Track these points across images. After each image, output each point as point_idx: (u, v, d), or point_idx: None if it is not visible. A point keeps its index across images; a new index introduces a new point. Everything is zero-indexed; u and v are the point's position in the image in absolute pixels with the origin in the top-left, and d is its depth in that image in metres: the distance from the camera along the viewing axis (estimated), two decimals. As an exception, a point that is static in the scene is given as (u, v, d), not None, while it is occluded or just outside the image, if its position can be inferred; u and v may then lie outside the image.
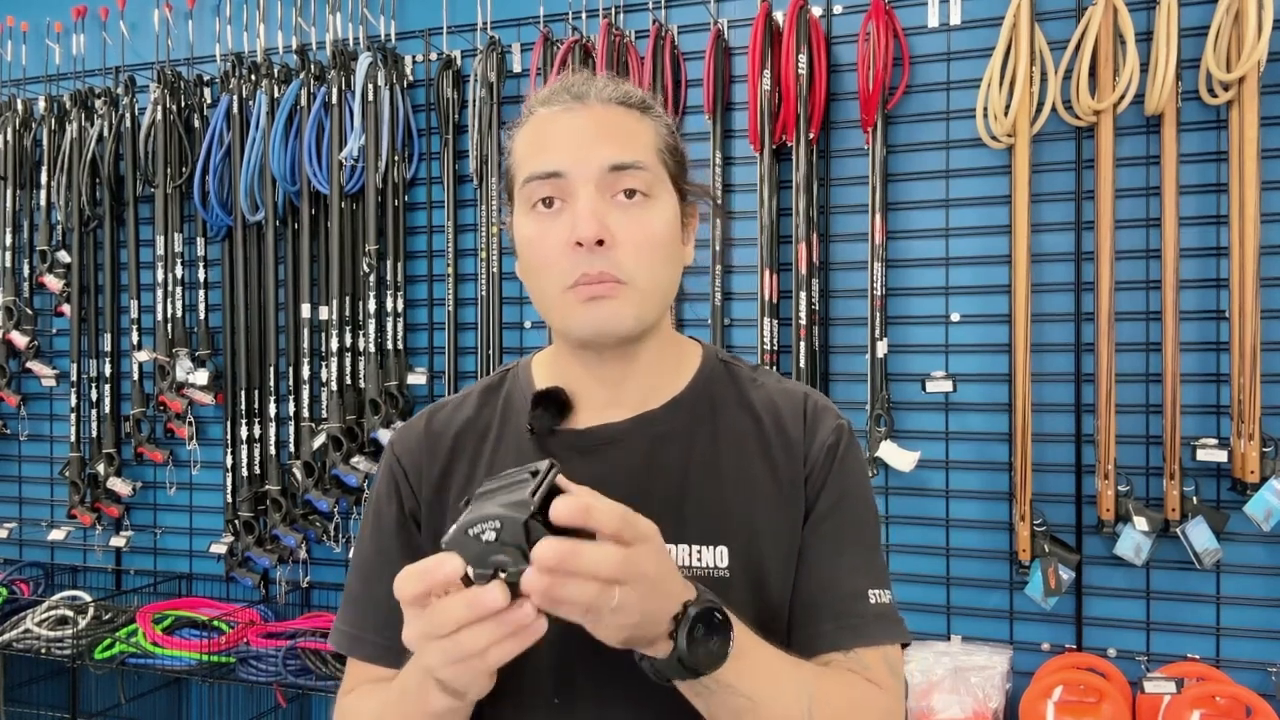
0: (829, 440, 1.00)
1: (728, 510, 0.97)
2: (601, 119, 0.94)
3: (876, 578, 0.99)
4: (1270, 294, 2.17)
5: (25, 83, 3.26)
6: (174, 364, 2.96)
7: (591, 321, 0.92)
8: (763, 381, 1.06)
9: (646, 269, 0.92)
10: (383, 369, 2.77)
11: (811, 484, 0.99)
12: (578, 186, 0.91)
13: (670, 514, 0.93)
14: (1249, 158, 2.09)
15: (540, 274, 0.94)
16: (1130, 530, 2.18)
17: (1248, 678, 2.17)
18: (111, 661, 2.77)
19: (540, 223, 0.93)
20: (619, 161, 0.91)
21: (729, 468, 0.99)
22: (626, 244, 0.91)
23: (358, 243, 2.80)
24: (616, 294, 0.91)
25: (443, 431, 1.05)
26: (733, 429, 1.01)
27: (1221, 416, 2.21)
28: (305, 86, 2.81)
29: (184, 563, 3.15)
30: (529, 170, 0.93)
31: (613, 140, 0.92)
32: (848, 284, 2.46)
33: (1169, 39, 2.12)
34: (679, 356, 1.04)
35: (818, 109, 2.39)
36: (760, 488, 0.99)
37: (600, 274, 0.90)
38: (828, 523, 0.98)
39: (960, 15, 2.38)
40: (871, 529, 1.02)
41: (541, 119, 0.96)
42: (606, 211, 0.91)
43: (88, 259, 3.14)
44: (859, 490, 1.02)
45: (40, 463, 3.31)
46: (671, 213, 0.96)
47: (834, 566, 0.97)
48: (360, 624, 1.03)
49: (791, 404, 1.03)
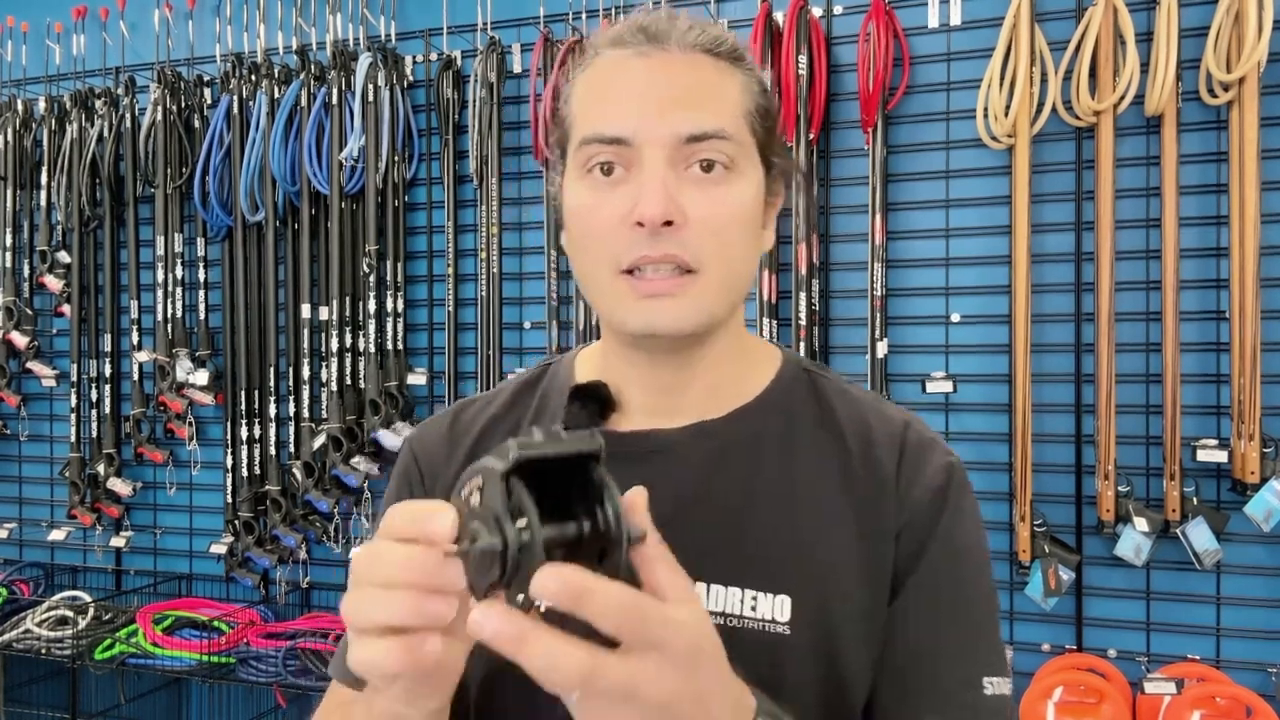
0: (935, 482, 0.82)
1: (797, 551, 0.79)
2: (681, 72, 0.77)
3: (993, 662, 0.80)
4: (1270, 294, 2.16)
5: (25, 83, 3.26)
6: (174, 364, 2.96)
7: (647, 319, 0.76)
8: (855, 398, 0.87)
9: (720, 255, 0.76)
10: (383, 369, 2.77)
11: (909, 537, 0.80)
12: (645, 155, 0.75)
13: (724, 547, 0.78)
14: (1249, 158, 2.09)
15: (589, 252, 0.78)
16: (1130, 531, 2.18)
17: (1248, 678, 2.17)
18: (111, 662, 2.77)
19: (596, 192, 0.77)
20: (698, 130, 0.75)
21: (803, 499, 0.81)
22: (699, 225, 0.75)
23: (358, 243, 2.80)
24: (681, 289, 0.75)
25: (467, 430, 0.90)
26: (811, 452, 0.83)
27: (1222, 417, 2.21)
28: (305, 87, 2.81)
29: (184, 563, 3.15)
30: (587, 129, 0.77)
31: (693, 101, 0.76)
32: (848, 284, 2.46)
33: (1169, 39, 2.12)
34: (751, 361, 0.87)
35: (818, 109, 2.39)
36: (840, 529, 0.80)
37: (665, 256, 0.74)
38: (933, 588, 0.79)
39: (960, 16, 2.38)
40: (989, 598, 0.83)
41: (608, 65, 0.79)
42: (678, 187, 0.75)
43: (88, 259, 3.14)
44: (974, 547, 0.83)
45: (40, 463, 3.31)
46: (755, 189, 0.79)
47: (939, 643, 0.79)
48: None
49: (888, 431, 0.84)
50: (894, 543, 0.80)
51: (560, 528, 0.51)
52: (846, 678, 0.78)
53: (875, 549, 0.80)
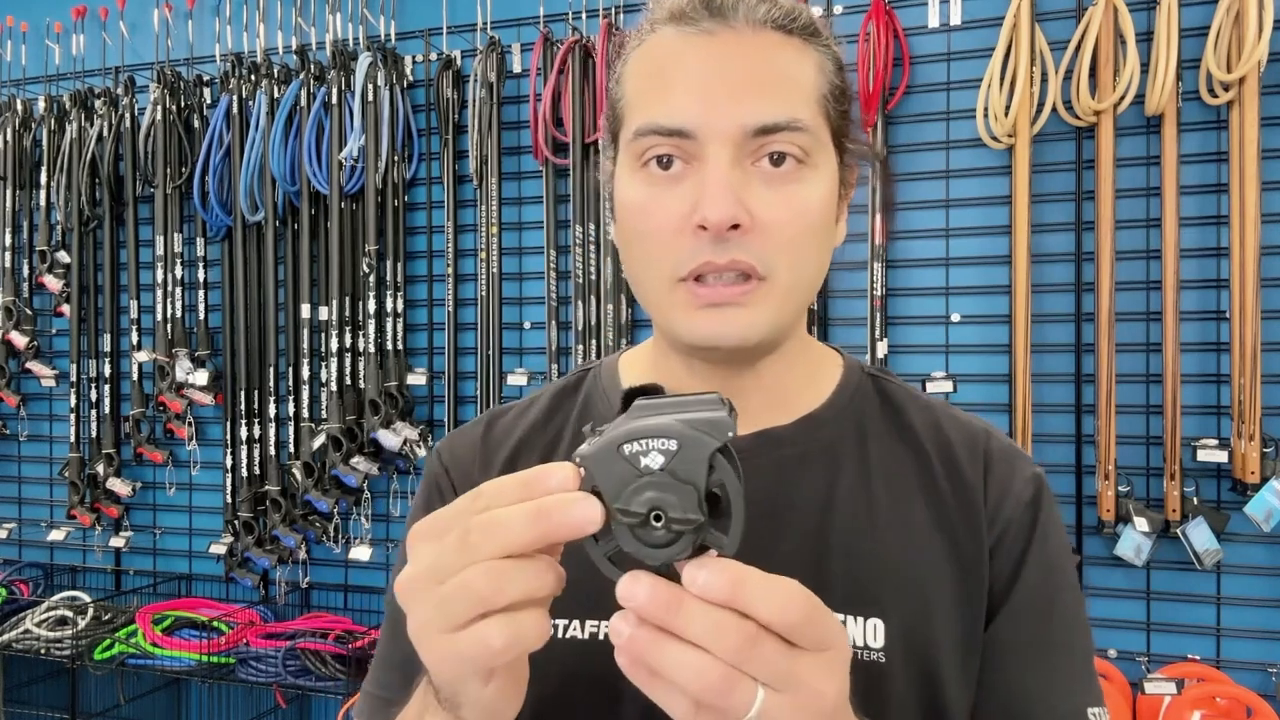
0: (1025, 495, 0.76)
1: (885, 570, 0.72)
2: (750, 55, 0.68)
3: (1095, 692, 0.76)
4: (1270, 294, 2.16)
5: (25, 83, 3.26)
6: (174, 364, 2.96)
7: (710, 330, 0.69)
8: (927, 403, 0.81)
9: (792, 260, 0.69)
10: (382, 369, 2.77)
11: (1003, 555, 0.74)
12: (709, 149, 0.67)
13: (806, 565, 0.71)
14: (1249, 158, 2.09)
15: (644, 255, 0.71)
16: (1130, 531, 2.18)
17: (1248, 678, 2.17)
18: (111, 662, 2.77)
19: (653, 188, 0.69)
20: (769, 122, 0.67)
21: (885, 513, 0.74)
22: (769, 228, 0.67)
23: (357, 243, 2.80)
24: (747, 299, 0.68)
25: (503, 440, 0.83)
26: (888, 463, 0.77)
27: (1222, 417, 2.21)
28: (305, 87, 2.81)
29: (183, 563, 3.15)
30: (644, 118, 0.69)
31: (763, 89, 0.67)
32: (847, 284, 2.46)
33: (1169, 39, 2.12)
34: (815, 365, 0.81)
35: (818, 109, 2.38)
36: (929, 546, 0.74)
37: (731, 263, 0.67)
38: (1032, 612, 0.74)
39: (960, 15, 2.38)
40: (1084, 623, 0.78)
41: (667, 43, 0.70)
42: (745, 184, 0.67)
43: (87, 259, 3.14)
44: (1067, 565, 0.78)
45: (40, 463, 3.30)
46: (830, 183, 0.71)
47: (1044, 675, 0.74)
48: (386, 682, 0.79)
49: (968, 439, 0.78)
50: (988, 561, 0.74)
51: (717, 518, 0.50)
52: (947, 707, 0.72)
53: (968, 567, 0.74)
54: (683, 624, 0.47)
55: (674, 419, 0.49)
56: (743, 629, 0.47)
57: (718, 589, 0.47)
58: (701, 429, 0.49)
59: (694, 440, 0.48)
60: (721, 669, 0.47)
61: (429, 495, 0.84)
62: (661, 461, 0.48)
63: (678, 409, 0.51)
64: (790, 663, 0.48)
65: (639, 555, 0.49)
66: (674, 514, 0.48)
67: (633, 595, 0.48)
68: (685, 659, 0.47)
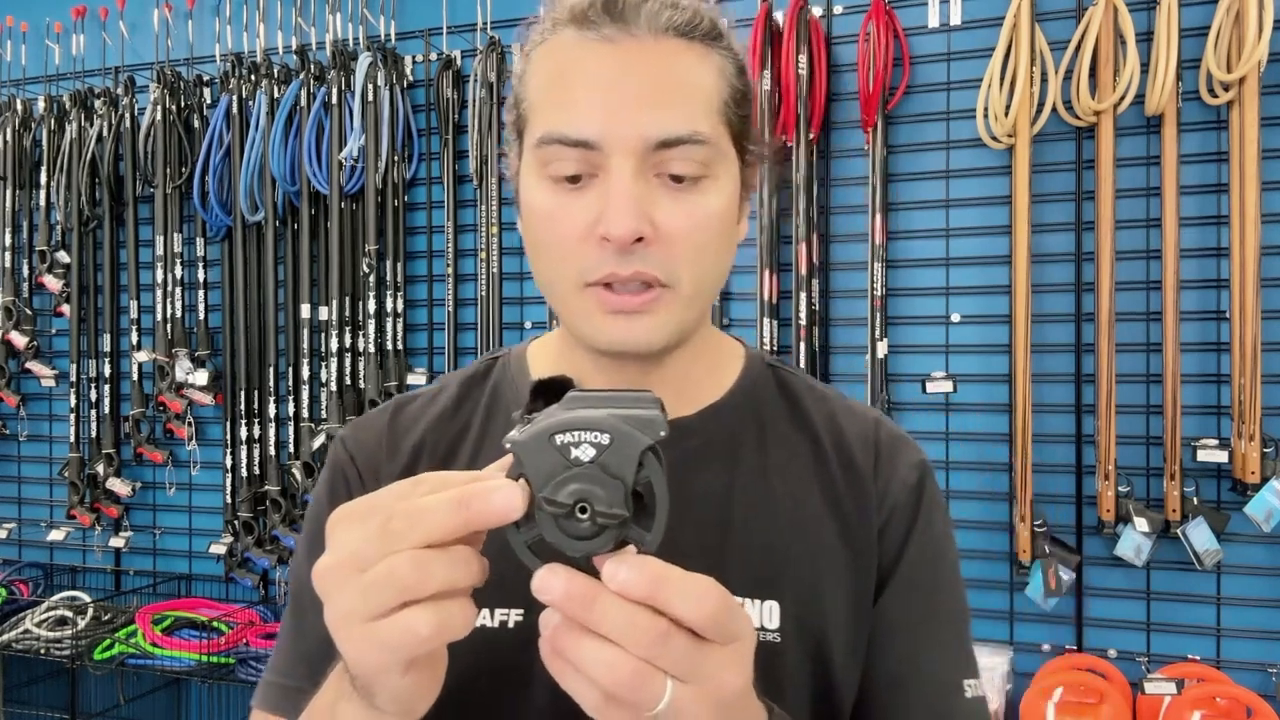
0: (910, 479, 0.80)
1: (782, 555, 0.76)
2: (651, 65, 0.69)
3: (971, 664, 0.81)
4: (1270, 294, 2.16)
5: (25, 83, 3.26)
6: (173, 364, 2.96)
7: (616, 336, 0.71)
8: (823, 394, 0.84)
9: (695, 268, 0.71)
10: (382, 369, 2.77)
11: (890, 535, 0.79)
12: (613, 161, 0.68)
13: (707, 551, 0.73)
14: (1249, 158, 2.09)
15: (551, 261, 0.72)
16: (1130, 531, 2.18)
17: (1248, 678, 2.17)
18: (111, 662, 2.77)
19: (558, 196, 0.70)
20: (670, 135, 0.68)
21: (782, 499, 0.78)
22: (673, 239, 0.69)
23: (357, 243, 2.80)
24: (652, 306, 0.70)
25: (410, 427, 0.83)
26: (785, 451, 0.80)
27: (1222, 417, 2.21)
28: (305, 87, 2.81)
29: (183, 563, 3.15)
30: (547, 126, 0.70)
31: (665, 100, 0.68)
32: (848, 284, 2.46)
33: (1169, 39, 2.12)
34: (717, 357, 0.83)
35: (818, 109, 2.39)
36: (821, 530, 0.78)
37: (635, 274, 0.69)
38: (915, 590, 0.79)
39: (960, 15, 2.38)
40: (963, 600, 0.84)
41: (569, 47, 0.71)
42: (649, 196, 0.69)
43: (87, 259, 3.14)
44: (949, 546, 0.82)
45: (39, 463, 3.30)
46: (731, 190, 0.73)
47: (926, 648, 0.79)
48: (289, 670, 0.79)
49: (860, 428, 0.82)
50: (876, 542, 0.79)
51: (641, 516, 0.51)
52: (837, 685, 0.76)
53: (858, 549, 0.78)
54: (597, 619, 0.48)
55: (608, 413, 0.49)
56: (655, 625, 0.48)
57: (637, 587, 0.48)
58: (635, 425, 0.49)
59: (626, 436, 0.49)
60: (633, 663, 0.48)
61: (333, 484, 0.83)
62: (592, 454, 0.49)
63: (612, 403, 0.51)
64: (699, 656, 0.49)
65: (560, 546, 0.49)
66: (600, 507, 0.48)
67: (549, 588, 0.48)
68: (598, 653, 0.48)
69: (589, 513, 0.48)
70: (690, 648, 0.49)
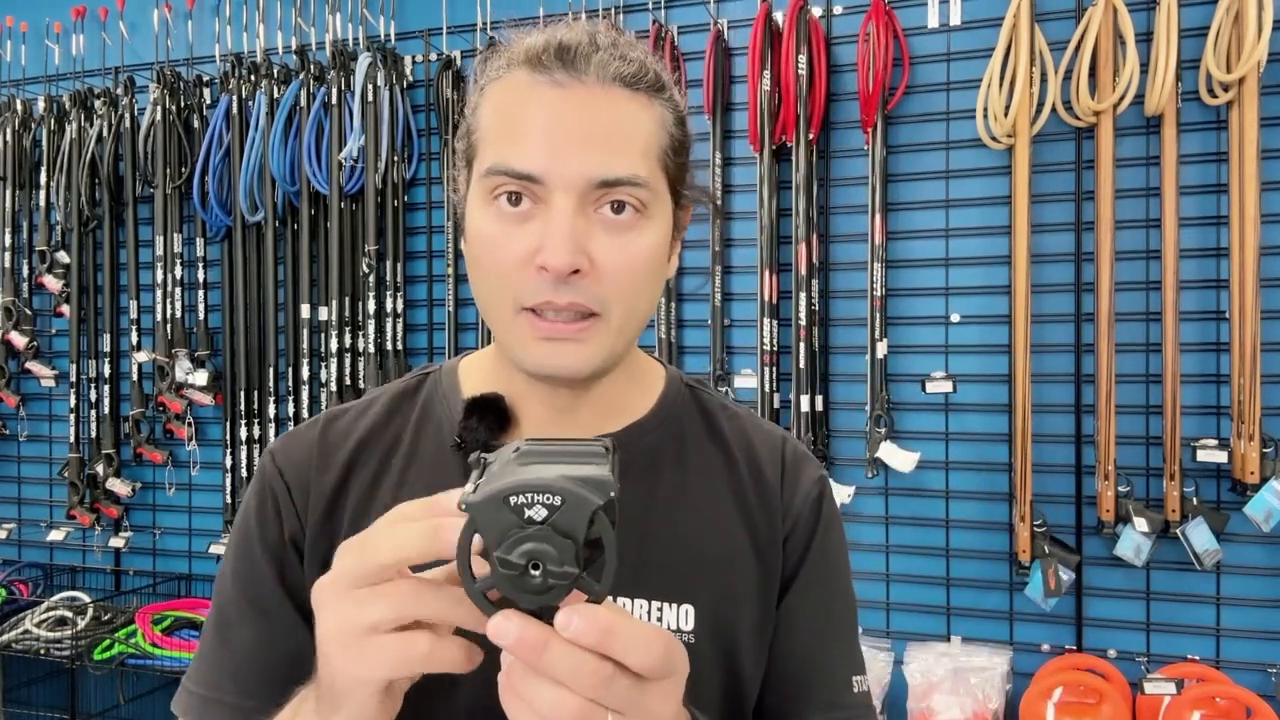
0: (812, 494, 0.88)
1: (696, 562, 0.82)
2: (597, 111, 0.74)
3: (859, 661, 0.89)
4: (1270, 294, 2.16)
5: (25, 83, 3.26)
6: (173, 364, 2.96)
7: (546, 362, 0.75)
8: (735, 412, 0.91)
9: (626, 301, 0.76)
10: (382, 369, 2.77)
11: (793, 544, 0.86)
12: (555, 195, 0.73)
13: (628, 561, 0.76)
14: (1249, 158, 2.09)
15: (490, 285, 0.77)
16: (1130, 531, 2.18)
17: (1248, 679, 2.17)
18: (111, 662, 2.76)
19: (501, 224, 0.75)
20: (611, 176, 0.73)
21: (698, 510, 0.84)
22: (608, 273, 0.74)
23: (357, 243, 2.80)
24: (584, 335, 0.75)
25: (339, 442, 0.86)
26: (701, 465, 0.86)
27: (1221, 417, 2.21)
28: (305, 87, 2.81)
29: (183, 563, 3.15)
30: (496, 158, 0.75)
31: (607, 144, 0.74)
32: (847, 284, 2.46)
33: (1169, 39, 2.12)
34: (641, 377, 0.88)
35: (818, 109, 2.39)
36: (733, 538, 0.84)
37: (570, 305, 0.73)
38: (814, 593, 0.86)
39: (960, 16, 2.38)
40: (853, 604, 0.91)
41: (521, 86, 0.76)
42: (587, 232, 0.73)
43: (87, 259, 3.14)
44: (842, 555, 0.90)
45: (39, 463, 3.30)
46: (664, 230, 0.79)
47: (822, 647, 0.86)
48: (214, 682, 0.82)
49: (768, 445, 0.89)
50: (781, 550, 0.85)
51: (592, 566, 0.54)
52: (744, 682, 0.83)
53: (766, 556, 0.85)
54: (547, 664, 0.52)
55: (560, 474, 0.52)
56: (600, 670, 0.52)
57: (587, 636, 0.52)
58: (586, 487, 0.52)
59: (578, 498, 0.51)
60: (579, 703, 0.52)
61: (261, 497, 0.86)
62: (544, 515, 0.51)
63: (564, 458, 0.54)
64: (639, 694, 0.54)
65: (514, 598, 0.52)
66: (552, 566, 0.51)
67: (504, 634, 0.52)
68: (547, 695, 0.52)
69: (541, 570, 0.51)
70: (632, 687, 0.54)
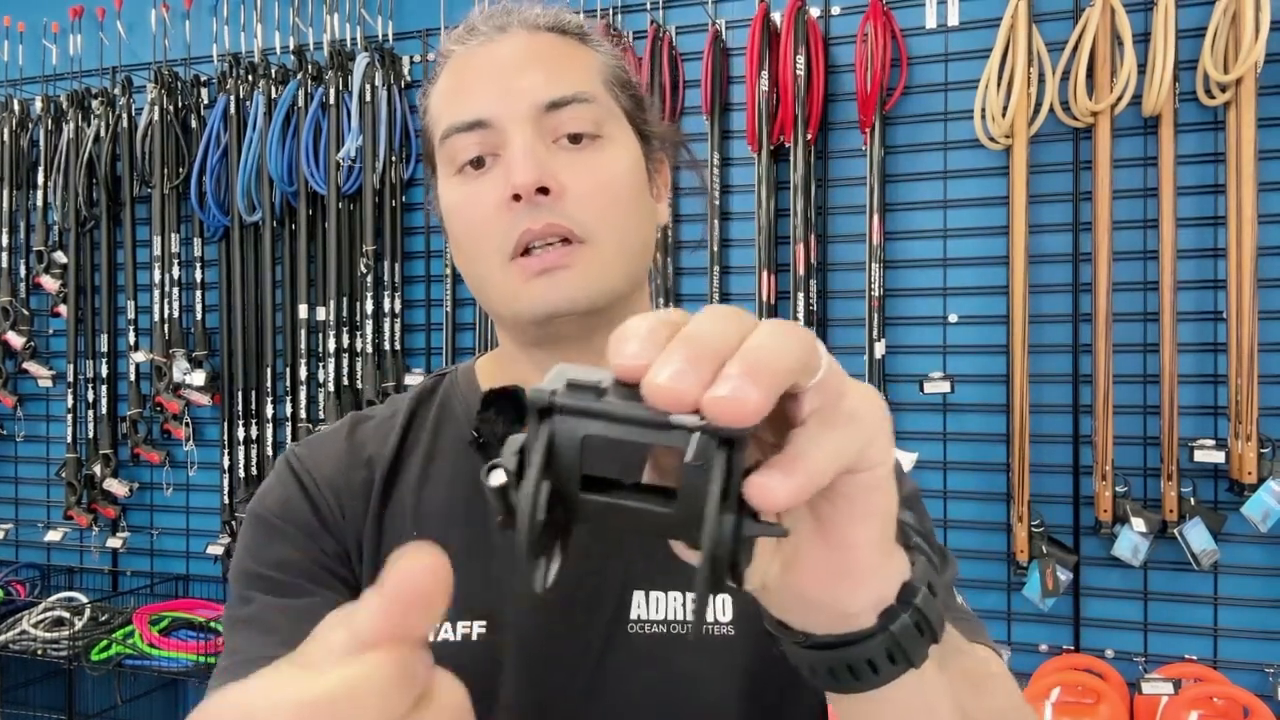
0: None
1: None
2: (531, 47, 0.75)
3: None
4: (1268, 295, 2.17)
5: (22, 83, 3.25)
6: (171, 365, 2.95)
7: (544, 297, 0.72)
8: None
9: (608, 222, 0.73)
10: (380, 370, 2.77)
11: None
12: (509, 132, 0.72)
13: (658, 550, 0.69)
14: (1246, 159, 2.10)
15: (473, 247, 0.75)
16: (1128, 531, 2.18)
17: (1245, 679, 2.17)
18: (108, 663, 2.76)
19: (468, 185, 0.74)
20: (557, 96, 0.72)
21: None
22: (579, 194, 0.72)
23: (355, 243, 2.80)
24: (572, 259, 0.72)
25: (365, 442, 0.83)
26: None
27: (1219, 417, 2.21)
28: (302, 87, 2.81)
29: (181, 564, 3.14)
30: (447, 122, 0.75)
31: (546, 69, 0.74)
32: (845, 285, 2.46)
33: (1166, 40, 2.13)
34: None
35: (815, 110, 2.39)
36: None
37: (548, 226, 0.71)
38: None
39: (958, 16, 2.38)
40: None
41: (456, 61, 0.77)
42: (550, 157, 0.72)
43: (84, 259, 3.14)
44: None
45: (37, 464, 3.30)
46: (633, 156, 0.77)
47: None
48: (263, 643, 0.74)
49: None
50: None
51: None
52: (776, 669, 0.73)
53: None
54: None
55: None
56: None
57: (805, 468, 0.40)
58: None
59: None
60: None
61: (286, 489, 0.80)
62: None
63: None
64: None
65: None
66: None
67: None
68: None
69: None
70: None
